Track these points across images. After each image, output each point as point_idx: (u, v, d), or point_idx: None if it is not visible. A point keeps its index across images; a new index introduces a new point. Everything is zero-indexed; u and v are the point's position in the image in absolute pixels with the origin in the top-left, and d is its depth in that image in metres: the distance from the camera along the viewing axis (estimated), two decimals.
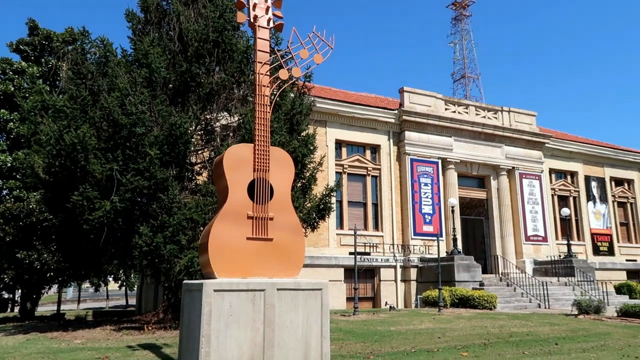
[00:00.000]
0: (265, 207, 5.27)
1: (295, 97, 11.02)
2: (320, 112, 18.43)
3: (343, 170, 19.15)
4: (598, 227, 24.77)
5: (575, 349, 8.36)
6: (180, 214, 8.61)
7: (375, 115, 19.63)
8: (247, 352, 4.72)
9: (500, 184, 22.04)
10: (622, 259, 25.11)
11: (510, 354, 7.75)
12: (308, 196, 12.02)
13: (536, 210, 22.35)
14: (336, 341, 8.49)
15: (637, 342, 9.13)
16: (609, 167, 25.99)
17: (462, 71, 65.46)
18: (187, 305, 5.30)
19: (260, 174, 5.33)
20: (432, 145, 20.45)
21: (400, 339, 8.83)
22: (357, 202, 19.35)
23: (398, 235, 19.37)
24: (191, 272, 8.56)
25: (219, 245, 5.01)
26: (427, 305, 15.70)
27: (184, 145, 8.99)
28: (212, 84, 9.85)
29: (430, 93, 21.20)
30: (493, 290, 16.69)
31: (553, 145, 23.91)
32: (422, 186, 19.79)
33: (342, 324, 10.55)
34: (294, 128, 10.62)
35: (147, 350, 7.25)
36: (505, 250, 21.31)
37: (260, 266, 5.21)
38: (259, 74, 5.60)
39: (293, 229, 5.42)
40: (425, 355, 7.55)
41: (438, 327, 10.23)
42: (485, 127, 21.74)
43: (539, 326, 10.77)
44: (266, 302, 4.90)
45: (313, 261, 17.42)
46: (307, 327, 5.07)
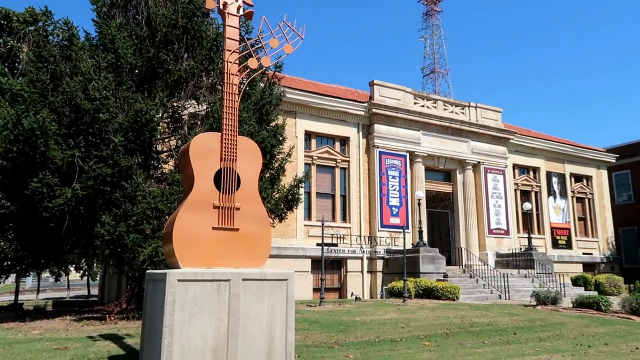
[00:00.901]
0: (231, 197, 5.23)
1: (265, 87, 10.92)
2: (290, 103, 18.36)
3: (312, 162, 19.16)
4: (557, 222, 25.63)
5: (532, 338, 8.67)
6: (145, 202, 8.44)
7: (345, 107, 19.69)
8: (211, 342, 4.70)
9: (465, 178, 22.50)
10: (579, 252, 26.09)
11: (470, 344, 7.97)
12: (276, 187, 11.98)
13: (499, 204, 22.95)
14: (301, 331, 8.54)
15: (590, 332, 9.53)
16: (569, 163, 26.88)
17: (431, 66, 66.30)
18: (150, 296, 5.23)
19: (227, 164, 5.28)
20: (401, 139, 20.67)
21: (364, 329, 8.95)
22: (325, 194, 19.42)
23: (365, 227, 19.56)
24: (155, 262, 8.44)
25: (184, 234, 4.95)
26: (392, 296, 15.94)
27: (149, 132, 8.80)
28: (181, 71, 9.66)
29: (399, 87, 21.39)
30: (456, 281, 17.09)
31: (517, 142, 24.53)
32: (390, 179, 20.01)
33: (308, 314, 10.61)
34: (263, 118, 10.54)
35: (109, 340, 7.12)
36: (469, 243, 21.82)
37: (226, 256, 5.18)
38: (227, 62, 5.54)
39: (259, 220, 5.41)
40: (388, 345, 7.68)
41: (402, 318, 10.41)
42: (453, 122, 22.12)
43: (499, 316, 11.10)
44: (231, 292, 4.89)
45: (280, 252, 17.42)
46: (272, 317, 5.08)
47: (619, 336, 9.12)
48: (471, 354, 7.05)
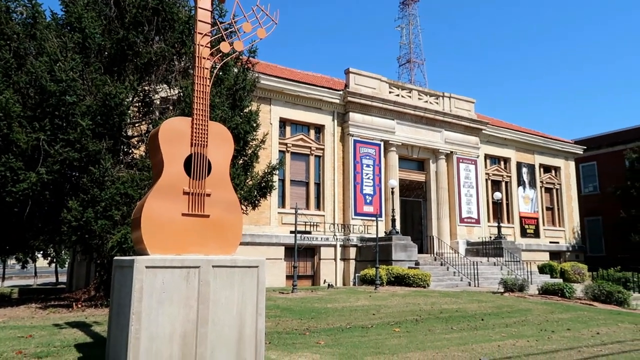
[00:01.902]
0: (202, 183, 5.15)
1: (238, 72, 10.76)
2: (265, 89, 18.18)
3: (287, 149, 19.07)
4: (526, 211, 26.24)
5: (499, 324, 8.88)
6: (114, 188, 8.25)
7: (321, 95, 19.61)
8: (180, 328, 4.65)
9: (438, 168, 22.76)
10: (546, 241, 26.82)
11: (439, 329, 8.12)
12: (250, 174, 11.89)
13: (471, 193, 23.33)
14: (273, 318, 8.55)
15: (554, 318, 9.82)
16: (538, 154, 27.48)
17: (407, 56, 66.58)
18: (117, 282, 5.14)
19: (197, 149, 5.19)
20: (376, 128, 20.74)
21: (336, 316, 9.02)
22: (300, 182, 19.39)
23: (339, 215, 19.64)
24: (125, 249, 8.28)
25: (153, 221, 4.86)
26: (365, 283, 16.10)
27: (118, 116, 8.58)
28: (151, 54, 9.42)
29: (375, 75, 21.40)
30: (428, 269, 17.34)
31: (489, 132, 24.92)
32: (364, 167, 20.09)
33: (280, 302, 10.62)
34: (237, 104, 10.40)
35: (76, 328, 6.99)
36: (440, 231, 22.16)
37: (196, 243, 5.12)
38: (199, 45, 5.41)
39: (230, 206, 5.34)
40: (359, 331, 7.75)
41: (373, 304, 10.52)
42: (427, 111, 22.29)
43: (468, 303, 11.33)
44: (201, 279, 4.83)
45: (254, 239, 17.36)
46: (242, 304, 5.05)
47: (581, 322, 9.43)
48: (439, 340, 7.18)
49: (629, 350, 6.76)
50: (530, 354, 6.32)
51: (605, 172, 33.09)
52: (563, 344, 7.14)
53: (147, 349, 4.45)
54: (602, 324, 9.25)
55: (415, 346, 6.66)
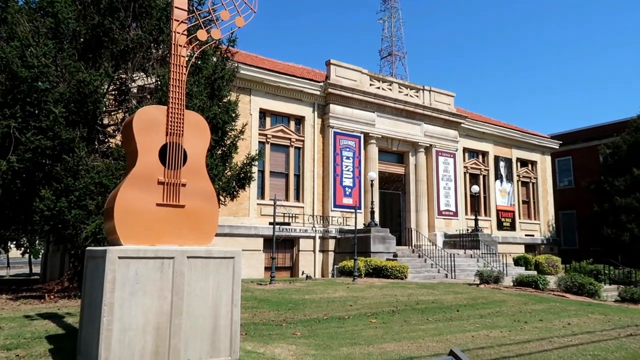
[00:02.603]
0: (177, 172, 5.08)
1: (217, 61, 10.62)
2: (245, 80, 18.01)
3: (266, 140, 18.96)
4: (503, 204, 26.65)
5: (474, 315, 9.02)
6: (88, 177, 8.09)
7: (301, 86, 19.52)
8: (153, 320, 4.60)
9: (417, 161, 22.93)
10: (522, 233, 27.31)
11: (415, 320, 8.21)
12: (228, 164, 11.79)
13: (449, 186, 23.58)
14: (250, 309, 8.54)
15: (528, 309, 10.02)
16: (516, 148, 27.88)
17: (389, 48, 66.66)
18: (90, 273, 5.06)
19: (173, 138, 5.11)
20: (356, 120, 20.76)
21: (313, 307, 9.04)
22: (279, 173, 19.32)
23: (318, 207, 19.65)
24: (99, 239, 8.14)
25: (126, 211, 4.78)
26: (343, 275, 16.17)
27: (93, 104, 8.38)
28: (127, 41, 9.21)
29: (356, 68, 21.38)
30: (406, 261, 17.51)
31: (468, 126, 25.16)
32: (344, 159, 20.12)
33: (257, 293, 10.60)
34: (216, 93, 10.26)
35: (47, 320, 6.86)
36: (419, 224, 22.37)
37: (171, 234, 5.06)
38: (175, 32, 5.32)
39: (206, 197, 5.29)
40: (336, 322, 7.79)
41: (351, 296, 10.58)
42: (407, 104, 22.38)
43: (444, 295, 11.48)
44: (175, 270, 4.78)
45: (232, 230, 17.27)
46: (217, 295, 5.02)
47: (553, 313, 9.64)
48: (415, 330, 7.26)
49: (597, 340, 6.93)
50: (502, 344, 6.43)
51: (580, 167, 33.78)
52: (535, 334, 7.29)
53: (120, 341, 4.40)
54: (573, 315, 9.47)
55: (390, 337, 6.72)
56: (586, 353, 6.09)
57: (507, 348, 6.21)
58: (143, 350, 4.53)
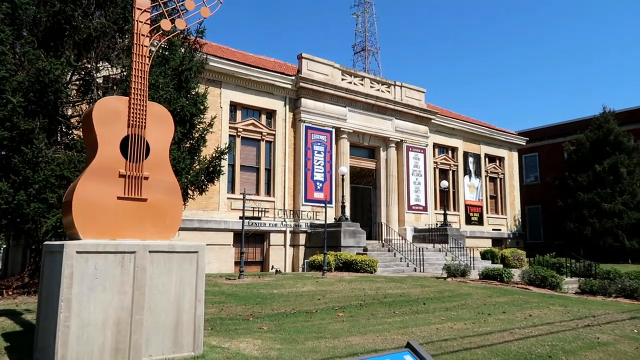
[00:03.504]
0: (139, 165, 4.98)
1: (185, 52, 10.43)
2: (215, 72, 17.78)
3: (237, 134, 18.78)
4: (471, 199, 27.15)
5: (440, 308, 9.16)
6: (48, 170, 7.84)
7: (273, 79, 19.38)
8: (114, 315, 4.51)
9: (388, 156, 23.11)
10: (490, 228, 27.90)
11: (382, 314, 8.28)
12: (197, 158, 11.63)
13: (419, 181, 23.87)
14: (217, 304, 8.46)
15: (492, 302, 10.23)
16: (484, 144, 28.41)
17: (362, 43, 66.77)
18: (47, 268, 4.92)
19: (135, 130, 5.00)
20: (327, 114, 20.76)
21: (281, 301, 9.02)
22: (250, 167, 19.18)
23: (289, 201, 19.61)
24: (60, 234, 7.91)
25: (85, 204, 4.65)
26: (314, 269, 16.20)
27: (54, 94, 8.12)
28: (91, 30, 8.94)
29: (328, 62, 21.36)
30: (375, 255, 17.66)
31: (438, 122, 25.49)
32: (315, 154, 20.11)
33: (225, 287, 10.51)
34: (183, 85, 10.08)
35: (4, 316, 6.64)
36: (389, 218, 22.58)
37: (132, 228, 4.95)
38: (138, 21, 5.21)
39: (170, 190, 5.20)
40: (303, 316, 7.79)
41: (319, 290, 10.60)
42: (379, 99, 22.51)
43: (412, 288, 11.62)
44: (137, 264, 4.69)
45: (202, 225, 17.08)
46: (180, 290, 4.95)
47: (516, 305, 9.87)
48: (381, 324, 7.32)
49: (556, 331, 7.13)
50: (465, 336, 6.55)
51: (546, 163, 34.71)
52: (497, 326, 7.44)
53: (78, 337, 4.29)
54: (535, 306, 9.71)
55: (357, 330, 6.75)
56: (545, 343, 6.25)
57: (469, 340, 6.32)
58: (102, 347, 4.44)
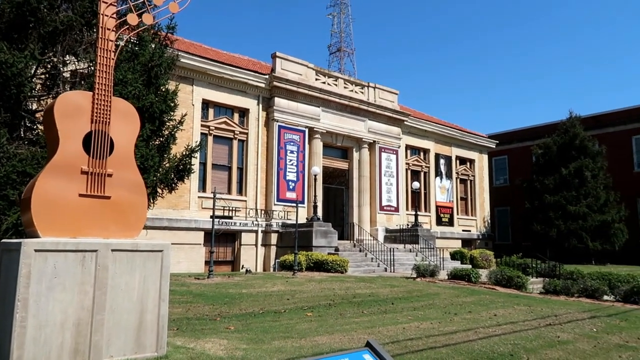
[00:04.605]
0: (103, 162, 4.88)
1: (155, 48, 10.26)
2: (187, 69, 17.57)
3: (209, 132, 18.59)
4: (442, 201, 27.55)
5: (408, 307, 9.26)
6: (9, 165, 7.60)
7: (246, 78, 19.26)
8: (73, 316, 4.41)
9: (361, 156, 23.25)
10: (460, 229, 28.35)
11: (350, 314, 8.32)
12: (167, 156, 11.46)
13: (391, 182, 24.08)
14: (184, 304, 8.36)
15: (459, 301, 10.40)
16: (455, 147, 28.86)
17: (338, 44, 66.90)
18: (4, 267, 4.76)
19: (98, 126, 4.90)
20: (301, 114, 20.75)
21: (250, 301, 8.97)
22: (222, 166, 19.01)
23: (261, 201, 19.52)
24: (22, 232, 7.67)
25: (45, 201, 4.53)
26: (284, 269, 16.17)
27: (16, 87, 7.87)
28: (57, 23, 8.69)
29: (302, 61, 21.35)
30: (347, 255, 17.74)
31: (411, 124, 25.77)
32: (288, 153, 20.07)
33: (193, 287, 10.40)
34: (153, 81, 9.91)
35: None
36: (361, 219, 22.71)
37: (95, 226, 4.85)
38: (103, 15, 5.09)
39: (134, 188, 5.11)
40: (271, 316, 7.77)
41: (289, 290, 10.59)
42: (352, 100, 22.62)
43: (381, 288, 11.72)
44: (98, 263, 4.60)
45: (172, 224, 16.85)
46: (144, 290, 4.88)
47: (483, 304, 10.06)
48: (349, 323, 7.36)
49: (519, 330, 7.30)
50: (431, 335, 6.64)
51: (515, 166, 35.51)
52: (463, 325, 7.57)
53: (34, 338, 4.18)
54: (501, 306, 9.91)
55: (324, 330, 6.77)
56: (507, 342, 6.39)
57: (435, 339, 6.41)
58: (61, 348, 4.33)
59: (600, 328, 7.83)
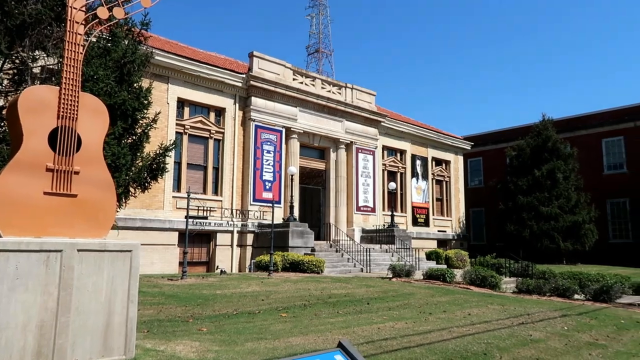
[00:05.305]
0: (69, 159, 4.72)
1: (128, 44, 10.05)
2: (163, 67, 17.29)
3: (184, 131, 18.33)
4: (418, 201, 27.77)
5: (383, 307, 9.26)
6: None
7: (222, 77, 19.06)
8: (37, 318, 4.25)
9: (338, 157, 23.25)
10: (435, 229, 28.62)
11: (325, 314, 8.27)
12: (140, 154, 11.24)
13: (368, 183, 24.16)
14: (156, 305, 8.18)
15: (434, 301, 10.46)
16: (431, 148, 29.13)
17: (316, 45, 66.93)
18: None
19: (65, 122, 4.74)
20: (278, 114, 20.64)
21: (224, 302, 8.85)
22: (197, 165, 18.76)
23: (237, 201, 19.34)
24: None
25: (6, 199, 4.36)
26: (260, 269, 16.03)
27: None
28: (25, 16, 8.43)
29: (279, 61, 21.24)
30: (323, 255, 17.70)
31: (388, 125, 25.90)
32: (264, 153, 19.93)
33: (166, 288, 10.20)
34: (125, 78, 9.70)
35: None
36: (338, 219, 22.71)
37: (61, 224, 4.69)
38: (71, 7, 4.93)
39: (103, 186, 4.96)
40: (245, 317, 7.66)
41: (264, 290, 10.48)
42: (330, 101, 22.61)
43: (357, 288, 11.71)
44: (63, 264, 4.45)
45: (145, 224, 16.54)
46: (112, 291, 4.73)
47: (457, 304, 10.14)
48: (324, 324, 7.31)
49: (493, 329, 7.37)
50: (406, 335, 6.64)
51: (490, 168, 36.05)
52: (437, 325, 7.60)
53: None
54: (475, 305, 10.01)
55: (298, 331, 6.71)
56: (481, 341, 6.44)
57: (409, 339, 6.41)
58: (23, 351, 4.17)
59: (571, 326, 7.97)
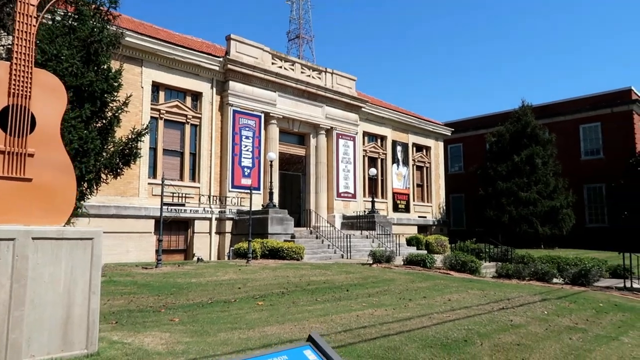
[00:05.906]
0: (22, 140, 4.37)
1: (95, 23, 9.56)
2: (136, 49, 16.71)
3: (160, 116, 17.81)
4: (399, 187, 27.71)
5: (363, 294, 9.09)
6: None
7: (199, 60, 18.53)
8: None
9: (318, 142, 22.97)
10: (416, 215, 28.65)
11: (303, 301, 8.06)
12: (111, 139, 10.80)
13: (348, 169, 23.96)
14: (127, 295, 7.87)
15: (414, 287, 10.34)
16: (412, 134, 29.02)
17: (297, 31, 66.12)
18: None
19: (17, 100, 4.37)
20: (256, 99, 20.21)
21: (199, 291, 8.57)
22: (173, 151, 18.29)
23: (215, 187, 18.96)
24: None
25: None
26: (239, 257, 15.76)
27: None
28: None
29: (258, 45, 20.76)
30: (303, 242, 17.50)
31: (368, 110, 25.67)
32: (243, 139, 19.54)
33: (139, 277, 9.87)
34: (92, 59, 9.24)
35: None
36: (318, 205, 22.50)
37: (14, 211, 4.35)
38: None
39: (61, 169, 4.62)
40: (220, 306, 7.41)
41: (241, 278, 10.23)
42: (309, 86, 22.24)
43: (336, 275, 11.53)
44: (16, 253, 4.13)
45: (120, 211, 16.09)
46: (71, 282, 4.43)
47: (437, 289, 10.03)
48: (301, 312, 7.10)
49: (473, 315, 7.25)
50: (385, 322, 6.47)
51: (470, 154, 36.19)
52: (417, 311, 7.45)
53: None
54: (455, 291, 9.91)
55: (275, 319, 6.48)
56: (461, 327, 6.30)
57: (388, 326, 6.24)
58: None
59: (551, 311, 7.91)
